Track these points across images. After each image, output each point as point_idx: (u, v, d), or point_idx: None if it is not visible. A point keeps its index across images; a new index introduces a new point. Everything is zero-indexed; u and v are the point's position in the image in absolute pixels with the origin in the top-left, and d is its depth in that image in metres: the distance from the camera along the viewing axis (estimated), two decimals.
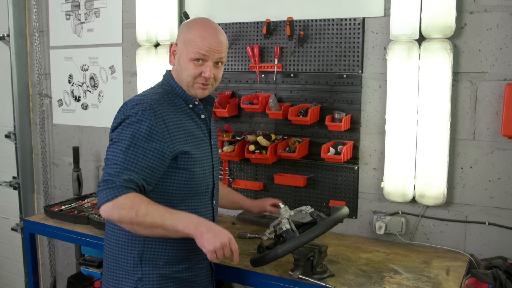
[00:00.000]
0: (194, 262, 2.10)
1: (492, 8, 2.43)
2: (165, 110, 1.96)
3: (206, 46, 1.99)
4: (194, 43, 1.99)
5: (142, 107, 1.91)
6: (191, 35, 2.01)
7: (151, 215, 1.81)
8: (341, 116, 2.71)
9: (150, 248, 2.01)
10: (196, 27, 2.02)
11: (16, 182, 4.22)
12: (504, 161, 2.48)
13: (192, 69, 2.01)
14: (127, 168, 1.84)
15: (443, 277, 2.27)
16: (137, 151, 1.86)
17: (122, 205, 1.80)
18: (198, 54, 1.99)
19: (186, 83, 2.04)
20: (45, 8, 3.98)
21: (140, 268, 2.02)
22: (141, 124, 1.88)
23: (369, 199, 2.81)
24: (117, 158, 1.85)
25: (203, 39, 1.99)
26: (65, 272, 4.16)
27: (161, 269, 2.02)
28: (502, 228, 2.51)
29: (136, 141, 1.87)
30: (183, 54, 2.03)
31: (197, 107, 2.09)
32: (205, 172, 2.08)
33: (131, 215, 1.80)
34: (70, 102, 3.92)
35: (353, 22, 2.74)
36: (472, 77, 2.50)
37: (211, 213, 2.16)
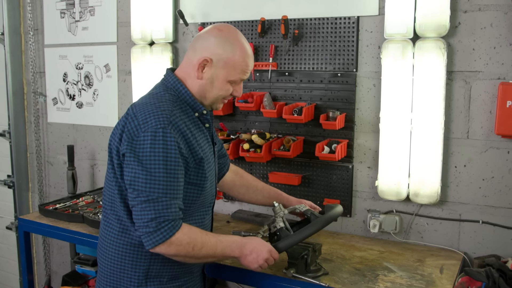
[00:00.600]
0: (194, 272, 2.07)
1: (486, 7, 2.43)
2: (181, 121, 1.84)
3: (248, 70, 1.97)
4: (239, 68, 1.93)
5: (161, 123, 1.77)
6: (237, 58, 1.91)
7: (205, 248, 1.83)
8: (336, 115, 2.71)
9: (156, 265, 1.92)
10: (240, 50, 1.92)
11: (10, 181, 4.21)
12: (498, 160, 2.49)
13: (227, 90, 1.95)
14: (172, 198, 1.77)
15: (436, 276, 2.28)
16: (174, 176, 1.77)
17: (180, 241, 1.78)
18: (242, 76, 1.95)
19: (211, 99, 1.96)
20: (40, 6, 3.97)
21: (145, 286, 1.92)
22: (168, 145, 1.76)
23: (363, 198, 2.82)
24: (158, 190, 1.75)
25: (248, 63, 1.95)
26: (60, 270, 4.15)
27: (165, 285, 1.95)
28: (495, 227, 2.52)
29: (170, 166, 1.76)
30: (220, 74, 1.92)
31: (203, 116, 1.98)
32: (213, 183, 2.05)
33: (188, 250, 1.80)
34: (65, 100, 3.92)
35: (348, 21, 2.74)
36: (466, 76, 2.51)
37: (210, 221, 2.13)
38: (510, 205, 2.49)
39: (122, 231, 1.91)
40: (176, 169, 1.78)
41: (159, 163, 1.75)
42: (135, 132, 1.79)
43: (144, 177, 1.75)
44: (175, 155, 1.77)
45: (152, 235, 1.74)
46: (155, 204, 1.74)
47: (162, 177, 1.75)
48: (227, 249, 1.90)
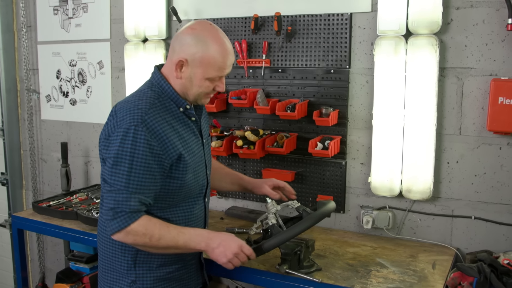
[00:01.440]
0: (186, 260, 2.09)
1: (478, 4, 2.44)
2: (157, 119, 1.88)
3: (227, 66, 1.96)
4: (215, 64, 1.93)
5: (135, 121, 1.83)
6: (211, 55, 1.92)
7: (164, 239, 1.85)
8: (329, 111, 2.72)
9: (144, 252, 1.97)
10: (214, 45, 1.92)
11: (4, 178, 4.20)
12: (490, 156, 2.50)
13: (207, 87, 1.97)
14: (133, 192, 1.83)
15: (429, 271, 2.29)
16: (139, 172, 1.83)
17: (135, 232, 1.83)
18: (220, 72, 1.96)
19: (196, 97, 2.00)
20: (33, 3, 3.95)
21: (134, 271, 2.00)
22: (138, 142, 1.82)
23: (356, 194, 2.83)
24: (121, 183, 1.82)
25: (224, 58, 1.94)
26: (54, 267, 4.14)
27: (154, 272, 2.01)
28: (487, 222, 2.54)
29: (136, 162, 1.82)
30: (197, 73, 1.94)
31: (188, 111, 2.01)
32: (199, 175, 2.05)
33: (145, 240, 1.84)
34: (58, 97, 3.91)
35: (341, 18, 2.74)
36: (459, 72, 2.52)
37: (203, 212, 2.14)
38: (502, 201, 2.50)
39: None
40: (142, 165, 1.83)
41: (126, 159, 1.82)
42: (112, 130, 1.88)
43: (110, 170, 1.85)
44: (143, 152, 1.83)
45: (110, 222, 1.84)
46: (115, 195, 1.83)
47: (126, 171, 1.82)
48: (190, 242, 1.90)
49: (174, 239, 1.87)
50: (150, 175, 1.85)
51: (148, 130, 1.84)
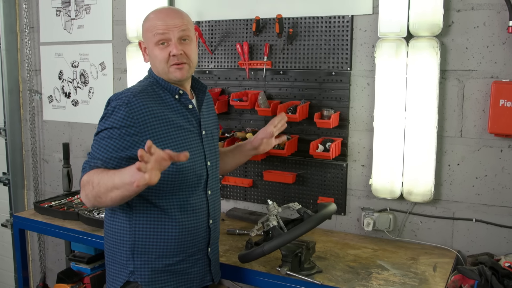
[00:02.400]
0: (188, 254, 2.08)
1: (479, 6, 2.44)
2: (145, 103, 1.95)
3: (163, 25, 1.99)
4: (152, 28, 2.01)
5: (120, 101, 1.93)
6: (148, 22, 2.04)
7: (102, 181, 1.83)
8: (330, 113, 2.72)
9: (141, 241, 2.01)
10: (151, 14, 2.06)
11: (6, 178, 4.21)
12: (491, 158, 2.50)
13: (159, 54, 2.01)
14: (96, 157, 1.91)
15: (430, 274, 2.29)
16: (108, 142, 1.90)
17: (83, 183, 1.90)
18: (158, 35, 1.99)
19: (162, 70, 2.04)
20: (36, 4, 3.96)
21: (132, 262, 2.03)
22: (116, 116, 1.91)
23: (357, 196, 2.83)
24: (93, 149, 1.95)
25: (159, 19, 2.01)
26: (55, 268, 4.15)
27: (153, 263, 2.03)
28: (488, 225, 2.54)
29: (109, 133, 1.91)
30: (148, 44, 2.05)
31: (182, 97, 2.06)
32: (195, 164, 2.05)
33: (89, 188, 1.87)
34: (61, 98, 3.92)
35: (342, 20, 2.75)
36: (459, 74, 2.52)
37: (205, 204, 2.12)
38: (503, 203, 2.50)
39: (112, 212, 2.08)
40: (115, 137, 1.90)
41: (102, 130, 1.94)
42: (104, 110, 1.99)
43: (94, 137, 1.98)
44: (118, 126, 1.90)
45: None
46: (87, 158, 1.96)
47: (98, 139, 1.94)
48: (125, 176, 1.76)
49: (110, 179, 1.82)
50: (115, 147, 1.90)
51: (130, 110, 1.91)
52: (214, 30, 3.12)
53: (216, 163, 2.22)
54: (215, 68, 3.13)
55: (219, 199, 2.26)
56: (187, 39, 2.04)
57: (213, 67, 3.14)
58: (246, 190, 3.12)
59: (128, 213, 2.02)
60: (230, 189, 3.18)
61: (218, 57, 3.12)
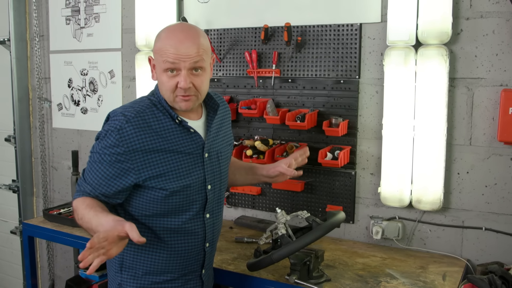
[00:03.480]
0: (178, 274, 2.02)
1: (488, 14, 2.44)
2: (137, 130, 1.84)
3: (174, 53, 1.82)
4: (163, 52, 1.83)
5: (113, 126, 1.84)
6: (160, 44, 1.86)
7: (84, 218, 1.79)
8: (338, 121, 2.72)
9: (130, 256, 1.98)
10: (164, 34, 1.88)
11: (15, 185, 4.23)
12: (501, 167, 2.49)
13: (167, 82, 1.86)
14: (87, 181, 1.89)
15: (439, 282, 2.28)
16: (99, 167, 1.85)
17: (73, 206, 1.87)
18: (167, 63, 1.83)
19: (167, 97, 1.90)
20: (46, 13, 4.00)
21: (120, 274, 2.02)
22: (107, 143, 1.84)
23: (366, 204, 2.82)
24: (86, 169, 1.92)
25: (170, 45, 1.82)
26: (63, 275, 4.16)
27: (140, 279, 1.98)
28: (498, 234, 2.52)
29: (100, 158, 1.85)
30: (157, 67, 1.89)
31: (183, 122, 1.92)
32: (191, 188, 1.95)
33: (76, 216, 1.85)
34: (70, 106, 3.94)
35: (350, 28, 2.75)
36: (469, 82, 2.52)
37: (201, 228, 2.02)
38: None
39: None
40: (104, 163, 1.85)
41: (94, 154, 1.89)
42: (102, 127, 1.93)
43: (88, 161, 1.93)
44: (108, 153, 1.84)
45: None
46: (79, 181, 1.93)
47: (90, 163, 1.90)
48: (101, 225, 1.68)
49: (89, 220, 1.75)
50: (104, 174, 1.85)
51: (121, 138, 1.82)
52: (223, 38, 3.13)
53: (220, 185, 2.09)
54: (223, 76, 3.14)
55: (219, 221, 2.15)
56: (199, 70, 1.87)
57: (222, 75, 3.15)
58: (255, 198, 3.12)
59: None
60: (239, 197, 3.18)
61: (226, 65, 3.13)
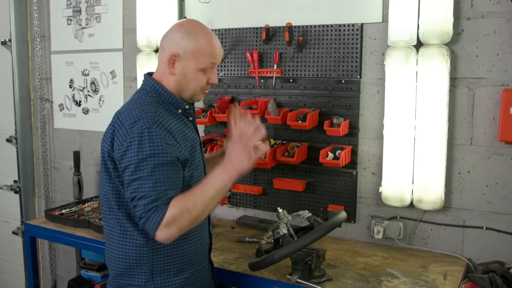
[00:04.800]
0: (198, 262, 2.06)
1: (489, 14, 2.45)
2: (165, 119, 1.88)
3: (217, 53, 1.98)
4: (206, 53, 1.95)
5: (146, 124, 1.82)
6: (202, 45, 1.94)
7: (197, 201, 1.81)
8: (340, 121, 2.73)
9: (160, 261, 1.95)
10: (203, 36, 1.96)
11: (17, 186, 4.24)
12: (501, 166, 2.50)
13: (201, 79, 1.97)
14: (162, 190, 1.78)
15: (440, 282, 2.28)
16: (163, 170, 1.80)
17: (173, 217, 1.77)
18: (211, 64, 1.97)
19: (193, 92, 1.99)
20: (47, 13, 4.01)
21: (152, 282, 1.95)
22: (154, 142, 1.80)
23: (367, 204, 2.83)
24: (147, 188, 1.78)
25: (214, 47, 1.97)
26: (65, 275, 4.17)
27: (173, 278, 1.97)
28: (499, 233, 2.53)
29: (157, 161, 1.79)
30: (190, 66, 1.95)
31: (187, 111, 2.02)
32: (202, 174, 2.05)
33: (185, 217, 1.78)
34: (71, 106, 3.94)
35: (352, 28, 2.76)
36: (470, 82, 2.52)
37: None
38: None
39: (123, 232, 1.95)
40: (166, 161, 1.81)
41: (147, 161, 1.79)
42: (124, 139, 1.83)
43: (132, 177, 1.80)
44: (162, 150, 1.80)
45: (147, 226, 1.78)
46: (144, 201, 1.77)
47: (149, 174, 1.78)
48: (217, 181, 1.84)
49: (204, 194, 1.82)
50: (173, 170, 1.83)
51: (162, 129, 1.83)
52: (224, 38, 3.13)
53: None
54: (225, 76, 3.15)
55: None
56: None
57: (223, 75, 3.16)
58: (256, 197, 3.13)
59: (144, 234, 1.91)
60: (240, 196, 3.18)
61: (228, 65, 3.14)
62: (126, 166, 1.82)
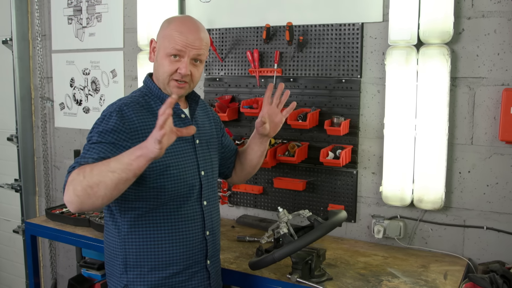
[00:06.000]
0: (184, 266, 2.00)
1: (489, 14, 2.44)
2: (136, 113, 1.90)
3: (183, 41, 1.94)
4: (171, 38, 1.94)
5: (112, 109, 1.91)
6: (169, 30, 1.97)
7: (95, 168, 1.68)
8: (340, 121, 2.73)
9: (133, 254, 1.96)
10: (175, 22, 1.99)
11: (18, 185, 4.24)
12: (502, 166, 2.50)
13: (167, 65, 1.95)
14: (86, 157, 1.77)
15: (440, 281, 2.28)
16: (100, 146, 1.80)
17: (72, 180, 1.69)
18: (174, 49, 1.94)
19: (162, 80, 1.99)
20: (48, 13, 4.01)
21: (125, 275, 1.98)
22: (108, 122, 1.85)
23: (367, 203, 2.83)
24: (83, 153, 1.82)
25: (180, 33, 1.94)
26: (65, 274, 4.17)
27: (146, 276, 1.96)
28: (500, 233, 2.52)
29: (100, 138, 1.82)
30: (160, 50, 1.98)
31: (175, 106, 1.96)
32: (186, 174, 1.99)
33: (79, 179, 1.67)
34: (72, 105, 3.95)
35: (352, 27, 2.75)
36: (470, 82, 2.52)
37: (200, 215, 2.04)
38: None
39: (106, 222, 2.06)
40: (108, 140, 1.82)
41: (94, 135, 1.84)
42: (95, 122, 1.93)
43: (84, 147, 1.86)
44: (110, 130, 1.83)
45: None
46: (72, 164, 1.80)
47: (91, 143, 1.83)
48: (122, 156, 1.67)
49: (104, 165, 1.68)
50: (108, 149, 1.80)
51: (122, 117, 1.87)
52: (225, 37, 3.13)
53: (212, 173, 2.14)
54: (225, 75, 3.15)
55: (217, 210, 2.17)
56: (198, 61, 2.00)
57: (224, 74, 3.16)
58: (256, 197, 3.13)
59: (117, 225, 1.97)
60: (240, 196, 3.18)
61: (228, 64, 3.14)
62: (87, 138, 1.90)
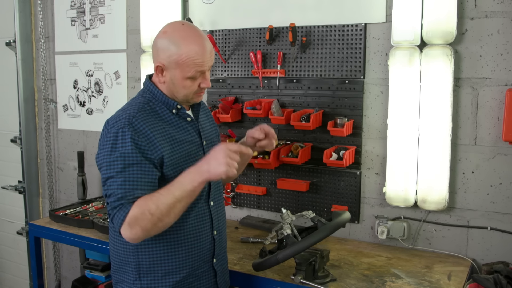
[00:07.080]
0: (193, 268, 2.02)
1: (492, 14, 2.44)
2: (145, 121, 1.89)
3: (202, 61, 1.91)
4: (190, 62, 1.90)
5: (121, 124, 1.85)
6: (183, 54, 1.89)
7: (161, 202, 1.77)
8: (343, 122, 2.72)
9: (146, 260, 1.96)
10: (186, 44, 1.90)
11: (21, 186, 4.25)
12: (506, 166, 2.49)
13: (191, 86, 1.95)
14: (130, 189, 1.80)
15: (444, 282, 2.28)
16: (132, 170, 1.81)
17: (135, 217, 1.76)
18: (196, 72, 1.92)
19: (185, 98, 1.99)
20: (51, 14, 4.02)
21: (139, 282, 1.98)
22: (126, 142, 1.83)
23: (371, 204, 2.82)
24: (115, 186, 1.80)
25: (197, 55, 1.90)
26: (69, 275, 4.18)
27: (161, 281, 1.97)
28: (504, 233, 2.52)
29: (127, 161, 1.81)
30: (176, 75, 1.93)
31: (180, 111, 2.00)
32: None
33: (147, 218, 1.76)
34: (75, 107, 3.95)
35: (355, 28, 2.75)
36: (473, 82, 2.52)
37: (208, 215, 2.06)
38: None
39: (114, 233, 2.02)
40: (134, 162, 1.82)
41: (117, 163, 1.82)
42: (104, 138, 1.90)
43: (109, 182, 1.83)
44: (131, 150, 1.82)
45: (114, 221, 1.80)
46: (112, 198, 1.80)
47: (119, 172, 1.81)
48: (184, 184, 1.81)
49: (169, 196, 1.78)
50: (143, 170, 1.82)
51: (135, 131, 1.84)
52: (228, 39, 3.14)
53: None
54: (228, 76, 3.15)
55: (222, 209, 2.19)
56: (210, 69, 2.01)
57: (227, 75, 3.16)
58: (260, 198, 3.13)
59: None
60: (244, 197, 3.19)
61: (231, 65, 3.14)
62: (100, 164, 1.87)
